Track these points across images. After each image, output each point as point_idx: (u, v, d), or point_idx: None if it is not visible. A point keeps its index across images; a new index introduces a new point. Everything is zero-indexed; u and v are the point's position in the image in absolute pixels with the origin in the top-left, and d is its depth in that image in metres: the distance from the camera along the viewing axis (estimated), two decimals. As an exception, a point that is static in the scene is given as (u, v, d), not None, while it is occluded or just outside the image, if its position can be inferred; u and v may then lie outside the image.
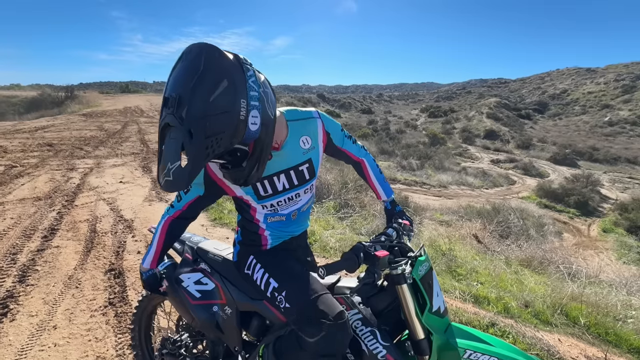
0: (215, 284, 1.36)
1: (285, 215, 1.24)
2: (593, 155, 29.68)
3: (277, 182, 1.15)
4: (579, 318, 2.91)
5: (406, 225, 1.35)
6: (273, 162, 1.11)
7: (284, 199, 1.19)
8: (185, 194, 1.19)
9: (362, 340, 1.06)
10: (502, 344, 1.05)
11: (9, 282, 2.63)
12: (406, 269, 1.04)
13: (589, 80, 60.94)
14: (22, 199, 4.51)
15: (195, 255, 1.47)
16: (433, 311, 1.05)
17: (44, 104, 20.54)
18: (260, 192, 1.14)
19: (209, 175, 1.13)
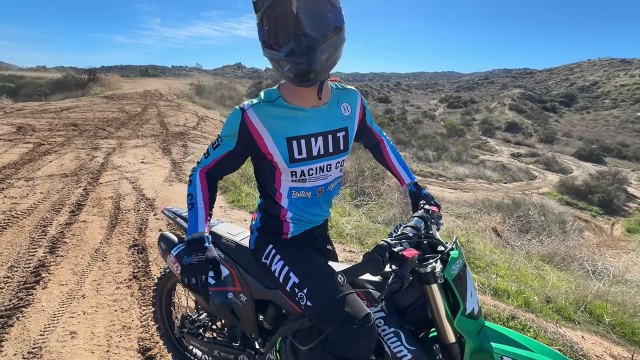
0: (229, 271, 1.32)
1: (312, 190, 1.16)
2: (622, 151, 28.29)
3: (314, 144, 1.09)
4: (604, 316, 2.82)
5: (434, 212, 1.23)
6: (312, 121, 1.09)
7: (316, 168, 1.12)
8: (214, 150, 1.13)
9: (385, 341, 0.98)
10: (543, 348, 0.94)
11: (41, 253, 2.75)
12: (437, 267, 0.92)
13: (622, 72, 57.45)
14: (51, 175, 4.69)
15: None
16: (466, 314, 0.94)
17: (68, 85, 21.12)
18: (295, 152, 1.07)
19: (246, 125, 1.06)
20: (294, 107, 1.08)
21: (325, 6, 0.95)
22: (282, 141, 1.06)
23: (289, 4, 0.91)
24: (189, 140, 8.00)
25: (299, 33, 0.92)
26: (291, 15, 0.92)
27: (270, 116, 1.06)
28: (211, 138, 9.07)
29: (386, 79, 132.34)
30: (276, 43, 0.97)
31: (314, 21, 0.93)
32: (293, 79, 0.98)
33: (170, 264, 1.49)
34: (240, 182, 4.99)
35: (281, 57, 0.96)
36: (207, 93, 20.42)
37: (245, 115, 1.06)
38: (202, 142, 8.10)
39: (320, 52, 0.94)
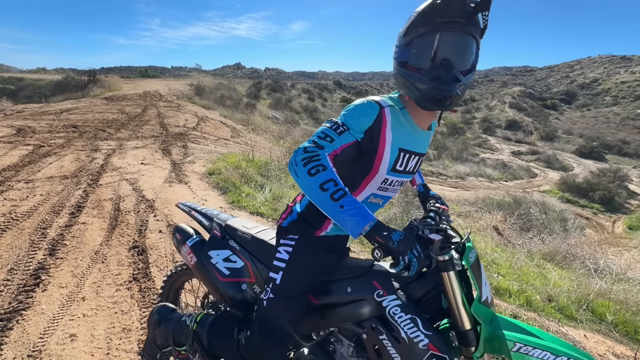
0: (244, 262, 1.35)
1: (385, 199, 1.24)
2: (623, 149, 28.23)
3: (411, 161, 1.17)
4: (606, 315, 2.81)
5: (445, 210, 1.31)
6: (419, 141, 1.18)
7: (400, 181, 1.20)
8: (339, 136, 1.04)
9: (402, 327, 1.01)
10: (552, 338, 0.97)
11: (40, 255, 2.75)
12: (454, 255, 0.98)
13: (622, 69, 57.27)
14: (50, 177, 4.68)
15: (224, 233, 1.46)
16: (482, 301, 0.98)
17: (68, 87, 21.09)
18: (398, 163, 1.13)
19: (381, 122, 1.07)
20: (413, 123, 1.15)
21: (473, 45, 1.02)
22: (395, 149, 1.11)
23: (445, 35, 0.98)
24: (188, 141, 7.99)
25: (448, 62, 1.00)
26: (444, 45, 0.99)
27: (397, 122, 1.11)
28: (211, 139, 9.07)
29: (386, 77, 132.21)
30: (418, 66, 1.03)
31: (463, 56, 1.02)
32: (428, 101, 1.04)
33: (184, 255, 1.53)
34: (240, 183, 4.99)
35: (422, 80, 1.02)
36: (206, 93, 20.40)
37: (382, 112, 1.08)
38: (202, 143, 8.09)
39: (462, 84, 1.03)
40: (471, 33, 1.00)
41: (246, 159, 6.10)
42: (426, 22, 1.00)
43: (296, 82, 50.30)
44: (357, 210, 0.91)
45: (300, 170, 0.97)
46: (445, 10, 0.97)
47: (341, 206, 0.91)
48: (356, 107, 1.09)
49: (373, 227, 0.89)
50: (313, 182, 0.94)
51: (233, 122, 13.44)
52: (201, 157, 6.55)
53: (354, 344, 1.17)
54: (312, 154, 0.99)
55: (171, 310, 1.49)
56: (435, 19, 0.98)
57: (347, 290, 1.13)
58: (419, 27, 1.01)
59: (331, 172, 0.96)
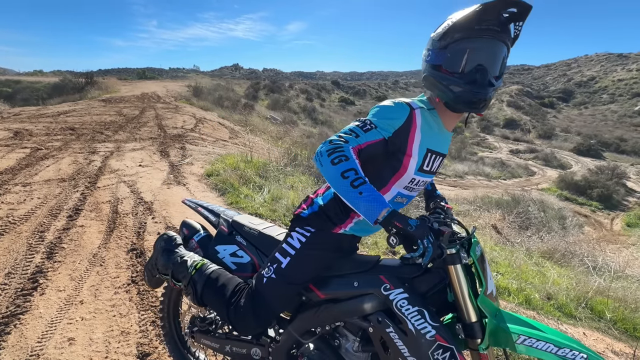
0: (251, 257, 1.37)
1: (409, 198, 1.27)
2: (620, 146, 28.34)
3: (436, 161, 1.21)
4: (605, 312, 2.82)
5: (449, 209, 1.35)
6: (444, 142, 1.22)
7: (424, 181, 1.22)
8: (365, 133, 1.07)
9: (409, 319, 1.02)
10: (553, 331, 1.00)
11: (38, 259, 2.74)
12: (461, 249, 1.01)
13: (619, 67, 57.50)
14: (48, 180, 4.66)
15: (231, 228, 1.47)
16: (487, 294, 1.01)
17: (66, 89, 21.04)
18: (425, 163, 1.17)
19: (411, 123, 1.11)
20: (441, 124, 1.19)
21: (504, 52, 1.08)
22: (423, 149, 1.14)
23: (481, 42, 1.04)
24: (187, 142, 7.98)
25: (482, 68, 1.05)
26: (479, 51, 1.05)
27: (427, 123, 1.14)
28: (209, 140, 9.05)
29: (384, 77, 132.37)
30: (453, 70, 1.08)
31: (496, 61, 1.08)
32: (463, 103, 1.09)
33: (191, 250, 1.54)
34: (239, 184, 4.98)
35: (457, 83, 1.07)
36: (204, 95, 20.38)
37: (413, 113, 1.12)
38: (200, 144, 8.08)
39: (495, 88, 1.08)
40: (504, 41, 1.06)
41: (244, 160, 6.09)
42: (463, 29, 1.04)
43: (294, 82, 50.28)
44: (375, 197, 0.95)
45: (325, 159, 1.01)
46: (482, 19, 1.02)
47: (360, 192, 0.95)
48: (386, 107, 1.13)
49: (390, 213, 0.93)
50: (335, 170, 0.99)
51: (231, 123, 13.43)
52: (199, 158, 6.54)
53: (359, 339, 1.18)
54: (336, 145, 1.04)
55: (177, 245, 1.50)
56: (473, 26, 1.03)
57: (353, 284, 1.15)
58: (456, 32, 1.06)
59: (353, 162, 1.00)
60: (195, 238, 1.53)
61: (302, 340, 1.25)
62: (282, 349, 1.28)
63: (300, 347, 1.26)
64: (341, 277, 1.19)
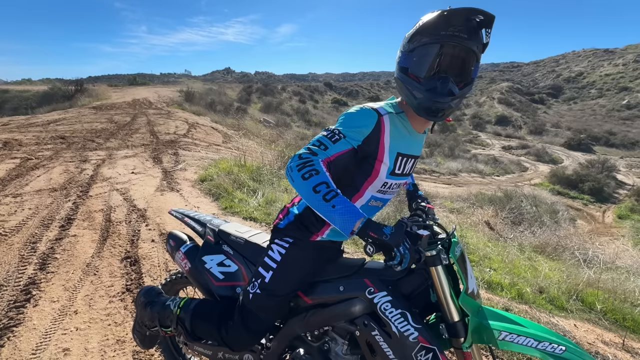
0: (238, 266, 1.38)
1: (384, 201, 1.27)
2: (609, 140, 28.80)
3: (408, 163, 1.21)
4: (595, 304, 2.88)
5: (431, 209, 1.37)
6: (415, 144, 1.21)
7: (397, 184, 1.23)
8: (334, 143, 1.07)
9: (392, 322, 1.04)
10: (534, 325, 1.03)
11: (31, 270, 2.71)
12: (441, 249, 1.02)
13: (606, 62, 58.52)
14: (39, 190, 4.62)
15: (217, 238, 1.48)
16: (468, 293, 1.03)
17: (55, 97, 20.76)
18: (397, 167, 1.18)
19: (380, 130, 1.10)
20: (410, 127, 1.18)
21: (472, 59, 1.05)
22: (393, 154, 1.15)
23: (445, 48, 1.01)
24: (179, 148, 7.95)
25: (445, 76, 1.03)
26: (443, 58, 1.02)
27: (396, 128, 1.14)
28: (202, 145, 9.02)
29: (376, 77, 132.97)
30: (417, 75, 1.06)
31: (460, 69, 1.05)
32: (422, 110, 1.08)
33: (178, 261, 1.55)
34: (232, 188, 4.98)
35: (419, 89, 1.05)
36: (197, 99, 20.29)
37: (381, 120, 1.11)
38: (193, 150, 8.05)
39: (456, 97, 1.05)
40: (471, 48, 1.02)
41: (238, 164, 6.09)
42: (430, 33, 1.02)
43: (287, 84, 50.28)
44: (348, 209, 0.95)
45: (295, 175, 1.01)
46: (449, 23, 0.99)
47: (333, 206, 0.95)
48: (353, 115, 1.11)
49: (365, 224, 0.93)
50: (307, 185, 0.98)
51: (224, 127, 13.39)
52: (193, 164, 6.52)
53: (348, 342, 1.20)
54: (306, 160, 1.03)
55: (157, 294, 1.51)
56: (439, 31, 1.00)
57: (339, 289, 1.16)
58: (423, 36, 1.04)
59: (324, 175, 0.99)
60: (182, 249, 1.53)
61: (293, 345, 1.27)
62: (274, 354, 1.30)
63: (291, 352, 1.28)
64: (327, 282, 1.20)
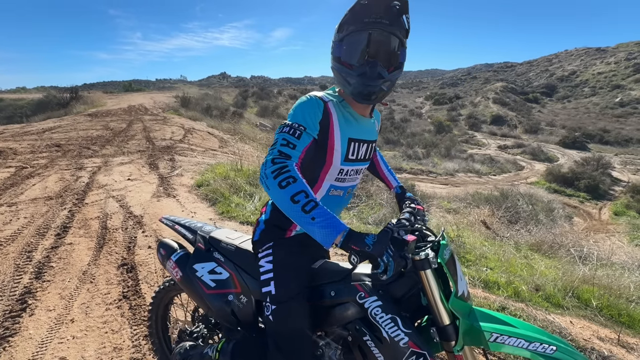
0: (229, 273, 1.36)
1: (344, 189, 1.28)
2: (604, 137, 29.05)
3: (362, 148, 1.23)
4: (591, 300, 2.90)
5: (420, 210, 1.36)
6: (365, 129, 1.24)
7: (355, 170, 1.26)
8: (298, 139, 1.06)
9: (383, 327, 1.04)
10: (525, 325, 1.03)
11: (26, 279, 2.70)
12: (430, 253, 1.01)
13: (598, 61, 59.21)
14: (34, 198, 4.60)
15: (208, 245, 1.47)
16: (458, 296, 1.02)
17: (50, 105, 20.70)
18: (350, 153, 1.19)
19: (329, 116, 1.13)
20: (356, 113, 1.22)
21: (397, 44, 1.11)
22: (345, 140, 1.17)
23: (371, 34, 1.06)
24: (176, 153, 7.94)
25: (373, 60, 1.07)
26: (370, 43, 1.07)
27: (341, 115, 1.17)
28: (199, 150, 9.02)
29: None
30: (348, 62, 1.11)
31: (387, 54, 1.10)
32: (357, 95, 1.12)
33: (170, 270, 1.54)
34: (229, 193, 4.98)
35: (352, 75, 1.10)
36: (192, 105, 20.29)
37: (327, 106, 1.13)
38: (189, 155, 8.05)
39: (386, 80, 1.10)
40: (395, 33, 1.08)
41: (235, 169, 6.09)
42: (355, 21, 1.07)
43: (283, 88, 50.38)
44: (328, 222, 0.92)
45: (271, 182, 0.99)
46: (371, 10, 1.05)
47: (312, 218, 0.93)
48: (305, 103, 1.12)
49: (346, 237, 0.91)
50: (284, 195, 0.96)
51: (220, 132, 13.40)
52: (189, 169, 6.51)
53: (341, 347, 1.19)
54: (281, 165, 1.01)
55: (191, 347, 1.48)
56: (363, 19, 1.06)
57: (330, 294, 1.17)
58: (349, 25, 1.09)
59: (301, 183, 0.98)
60: (173, 258, 1.51)
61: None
62: None
63: None
64: (318, 287, 1.21)
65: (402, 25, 1.08)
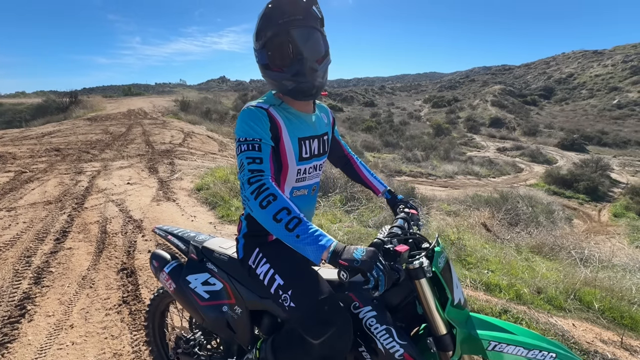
0: (223, 284, 1.34)
1: (308, 188, 1.28)
2: (602, 139, 29.17)
3: (312, 144, 1.24)
4: (593, 303, 2.88)
5: (414, 214, 1.33)
6: (310, 126, 1.25)
7: (313, 166, 1.26)
8: (260, 152, 1.06)
9: (378, 338, 1.02)
10: (523, 331, 1.01)
11: (25, 284, 2.68)
12: (424, 262, 0.97)
13: (595, 63, 59.60)
14: (33, 203, 4.58)
15: (201, 255, 1.45)
16: (454, 304, 1.00)
17: (49, 110, 20.70)
18: (303, 152, 1.20)
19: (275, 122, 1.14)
20: (298, 112, 1.22)
21: (317, 35, 1.13)
22: (295, 140, 1.18)
23: (291, 33, 1.07)
24: (175, 157, 7.94)
25: (300, 57, 1.09)
26: (293, 42, 1.08)
27: (285, 117, 1.17)
28: (198, 154, 9.02)
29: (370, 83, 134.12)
30: (277, 66, 1.12)
31: (312, 47, 1.11)
32: (297, 94, 1.14)
33: (163, 282, 1.50)
34: (229, 197, 4.97)
35: (286, 77, 1.11)
36: (192, 108, 20.34)
37: (270, 113, 1.14)
38: (189, 159, 8.05)
39: (319, 72, 1.13)
40: (311, 25, 1.10)
41: (234, 172, 6.08)
42: (270, 26, 1.08)
43: (282, 92, 50.36)
44: (313, 238, 0.90)
45: (253, 204, 0.98)
46: (283, 11, 1.06)
47: (297, 235, 0.91)
48: (248, 117, 1.11)
49: (333, 253, 0.88)
50: (266, 215, 0.95)
51: (220, 135, 13.41)
52: (189, 173, 6.51)
53: None
54: (257, 183, 1.00)
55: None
56: (277, 21, 1.06)
57: None
58: (266, 31, 1.09)
59: (281, 199, 0.96)
60: (166, 269, 1.48)
61: None
62: None
63: None
64: None
65: (315, 16, 1.10)
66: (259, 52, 1.15)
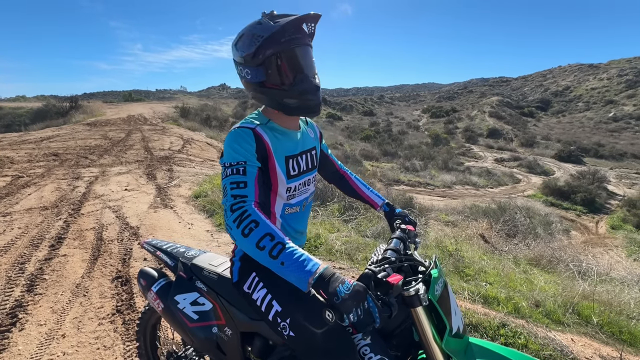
0: (212, 304, 1.28)
1: (299, 204, 1.27)
2: (598, 151, 29.42)
3: (301, 161, 1.24)
4: (592, 317, 2.86)
5: (411, 231, 1.29)
6: (297, 143, 1.24)
7: (303, 182, 1.25)
8: (245, 175, 1.03)
9: None
10: (522, 357, 0.98)
11: (18, 292, 2.64)
12: (420, 288, 0.92)
13: (591, 76, 60.52)
14: (29, 208, 4.55)
15: (190, 273, 1.39)
16: (452, 334, 0.95)
17: (49, 114, 20.74)
18: (291, 170, 1.19)
19: (262, 142, 1.12)
20: (285, 129, 1.21)
21: (311, 52, 1.15)
22: (282, 159, 1.17)
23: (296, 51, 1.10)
24: (174, 164, 7.93)
25: (303, 74, 1.11)
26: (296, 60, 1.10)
27: (272, 135, 1.16)
28: (197, 161, 9.02)
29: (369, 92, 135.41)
30: (278, 83, 1.11)
31: (311, 64, 1.14)
32: (301, 111, 1.15)
33: (151, 301, 1.45)
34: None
35: (288, 94, 1.11)
36: (192, 115, 20.43)
37: (256, 132, 1.12)
38: (187, 166, 8.04)
39: (320, 88, 1.15)
40: (308, 43, 1.14)
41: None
42: (271, 44, 1.08)
43: (282, 100, 50.67)
44: (297, 264, 0.87)
45: (235, 233, 0.95)
46: (284, 30, 1.08)
47: (282, 262, 0.88)
48: (233, 140, 1.09)
49: (318, 279, 0.84)
50: (249, 243, 0.92)
51: (220, 142, 13.43)
52: (187, 180, 6.49)
53: None
54: (239, 211, 0.97)
55: None
56: (280, 39, 1.08)
57: None
58: (266, 49, 1.09)
59: (264, 225, 0.93)
60: (154, 288, 1.42)
61: None
62: None
63: None
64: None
65: (311, 34, 1.14)
66: (254, 69, 1.12)
